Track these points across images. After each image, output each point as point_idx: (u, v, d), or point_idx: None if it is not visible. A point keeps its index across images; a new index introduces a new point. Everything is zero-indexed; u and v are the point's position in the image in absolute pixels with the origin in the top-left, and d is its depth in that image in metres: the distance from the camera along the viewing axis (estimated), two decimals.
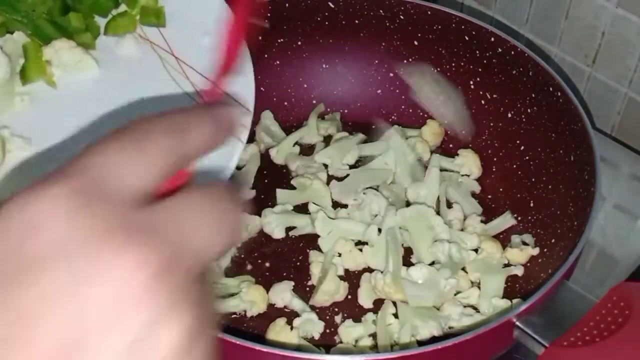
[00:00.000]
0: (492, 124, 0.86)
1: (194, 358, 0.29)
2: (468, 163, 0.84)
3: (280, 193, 0.82)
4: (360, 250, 0.77)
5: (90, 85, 0.69)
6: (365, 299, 0.74)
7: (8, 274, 0.28)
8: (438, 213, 0.78)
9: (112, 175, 0.30)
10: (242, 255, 0.78)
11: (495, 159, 0.85)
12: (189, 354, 0.28)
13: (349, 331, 0.71)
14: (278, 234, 0.79)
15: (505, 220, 0.80)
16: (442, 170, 0.83)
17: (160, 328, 0.28)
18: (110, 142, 0.31)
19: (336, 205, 0.81)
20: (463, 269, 0.75)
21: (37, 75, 0.68)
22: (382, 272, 0.73)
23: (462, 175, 0.84)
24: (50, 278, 0.27)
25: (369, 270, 0.76)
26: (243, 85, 0.67)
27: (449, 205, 0.81)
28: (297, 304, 0.73)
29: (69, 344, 0.27)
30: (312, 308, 0.74)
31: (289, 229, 0.80)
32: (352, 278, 0.76)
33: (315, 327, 0.72)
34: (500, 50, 0.82)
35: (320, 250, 0.77)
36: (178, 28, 0.72)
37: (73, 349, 0.27)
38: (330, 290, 0.73)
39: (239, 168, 0.85)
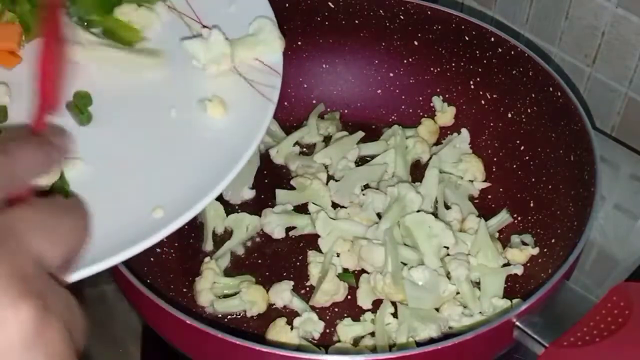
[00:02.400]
0: (492, 124, 0.86)
1: (40, 351, 0.31)
2: (471, 169, 0.83)
3: (280, 193, 0.82)
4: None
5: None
6: (364, 300, 0.74)
7: None
8: (435, 214, 0.78)
9: None
10: (242, 255, 0.78)
11: (495, 159, 0.85)
12: (33, 347, 0.31)
13: (347, 330, 0.71)
14: (278, 234, 0.79)
15: (503, 218, 0.80)
16: (442, 172, 0.83)
17: (4, 318, 0.30)
18: None
19: (336, 205, 0.81)
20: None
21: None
22: (381, 273, 0.73)
23: (469, 181, 0.84)
24: None
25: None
26: (271, 51, 0.69)
27: (447, 206, 0.81)
28: (297, 303, 0.73)
29: None
30: (312, 308, 0.74)
31: (289, 229, 0.80)
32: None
33: (315, 326, 0.72)
34: (500, 50, 0.82)
35: (319, 250, 0.77)
36: None
37: None
38: (330, 291, 0.73)
39: None
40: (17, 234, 0.33)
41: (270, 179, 0.85)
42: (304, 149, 0.87)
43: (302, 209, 0.81)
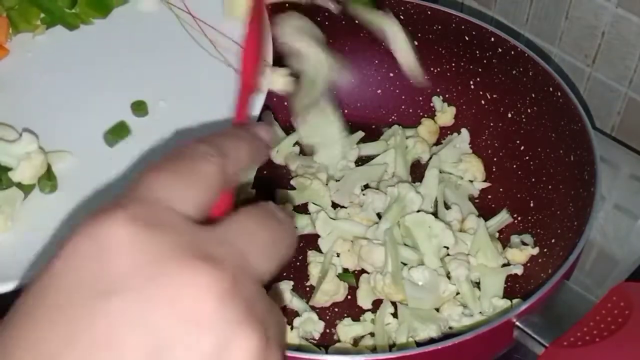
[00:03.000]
0: (492, 124, 0.86)
1: None
2: (471, 169, 0.83)
3: (280, 193, 0.82)
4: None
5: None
6: (364, 300, 0.74)
7: (75, 306, 0.28)
8: (435, 214, 0.78)
9: (166, 200, 0.30)
10: None
11: (495, 159, 0.85)
12: None
13: (346, 330, 0.71)
14: None
15: (503, 218, 0.80)
16: (442, 172, 0.83)
17: (232, 344, 0.28)
18: (160, 169, 0.32)
19: (336, 205, 0.81)
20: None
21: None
22: (381, 273, 0.73)
23: (469, 182, 0.83)
24: (119, 309, 0.27)
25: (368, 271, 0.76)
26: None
27: (447, 206, 0.81)
28: (297, 303, 0.73)
29: None
30: (312, 308, 0.74)
31: None
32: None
33: (315, 326, 0.72)
34: (500, 50, 0.82)
35: (319, 250, 0.77)
36: None
37: None
38: (330, 291, 0.73)
39: None
40: (240, 251, 0.31)
41: (270, 179, 0.85)
42: (304, 149, 0.87)
43: (302, 209, 0.81)
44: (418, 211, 0.76)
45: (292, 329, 0.71)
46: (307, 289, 0.76)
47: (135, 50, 0.70)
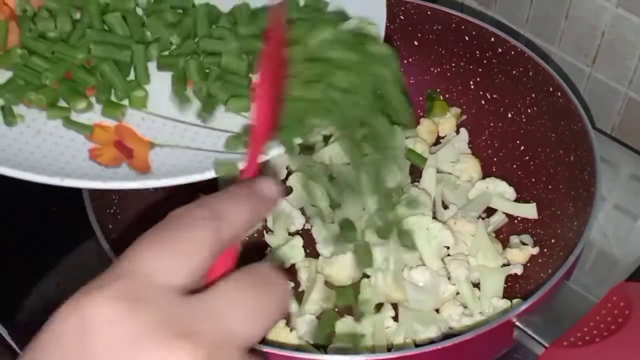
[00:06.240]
0: (492, 124, 0.86)
1: None
2: (468, 169, 0.83)
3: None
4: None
5: None
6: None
7: None
8: (434, 213, 0.78)
9: (151, 274, 0.32)
10: (241, 255, 0.78)
11: (495, 159, 0.85)
12: None
13: (346, 330, 0.71)
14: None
15: (500, 218, 0.80)
16: (440, 172, 0.83)
17: None
18: (148, 242, 0.33)
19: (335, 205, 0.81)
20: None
21: None
22: (382, 272, 0.73)
23: (467, 181, 0.83)
24: None
25: (367, 275, 0.75)
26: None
27: (445, 206, 0.80)
28: (292, 307, 0.73)
29: None
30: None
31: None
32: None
33: (313, 327, 0.71)
34: (500, 50, 0.82)
35: (309, 255, 0.77)
36: None
37: None
38: (320, 300, 0.73)
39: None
40: (223, 321, 0.31)
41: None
42: (304, 149, 0.87)
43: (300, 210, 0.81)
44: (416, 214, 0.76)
45: (291, 330, 0.70)
46: (299, 294, 0.75)
47: None
